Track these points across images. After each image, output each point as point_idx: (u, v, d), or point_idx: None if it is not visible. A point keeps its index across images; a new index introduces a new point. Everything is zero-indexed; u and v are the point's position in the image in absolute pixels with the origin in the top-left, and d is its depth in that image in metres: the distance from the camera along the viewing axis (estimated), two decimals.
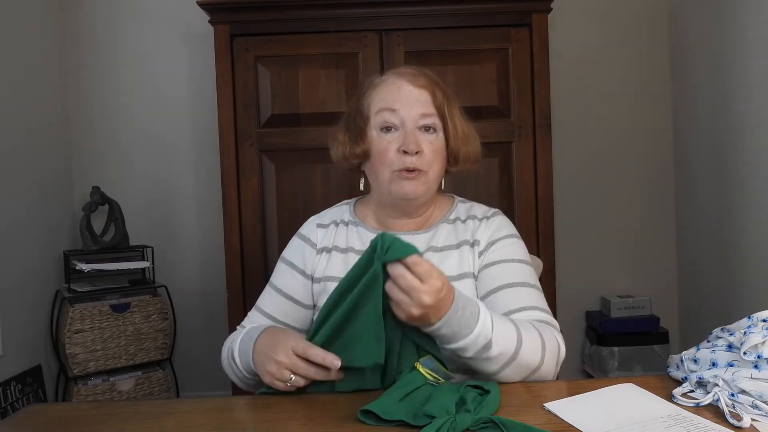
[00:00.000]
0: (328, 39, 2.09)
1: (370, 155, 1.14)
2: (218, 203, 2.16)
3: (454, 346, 0.91)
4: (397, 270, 0.85)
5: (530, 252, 1.21)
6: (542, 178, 2.08)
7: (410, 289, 0.85)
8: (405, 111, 1.10)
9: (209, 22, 2.08)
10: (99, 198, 2.28)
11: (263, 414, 0.89)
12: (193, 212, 2.54)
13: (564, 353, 1.02)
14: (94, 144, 2.51)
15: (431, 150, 1.11)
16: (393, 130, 1.11)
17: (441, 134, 1.13)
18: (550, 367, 0.99)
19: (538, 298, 1.08)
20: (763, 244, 1.98)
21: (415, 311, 0.86)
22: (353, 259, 1.15)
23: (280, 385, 0.94)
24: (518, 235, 1.19)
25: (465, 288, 1.09)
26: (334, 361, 0.90)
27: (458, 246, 1.15)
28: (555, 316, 1.14)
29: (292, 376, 0.92)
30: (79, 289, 2.15)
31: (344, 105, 2.09)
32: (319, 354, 0.91)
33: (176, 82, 2.52)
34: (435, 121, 1.12)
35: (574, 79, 2.54)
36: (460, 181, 2.09)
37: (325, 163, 2.08)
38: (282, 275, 1.21)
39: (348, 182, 2.10)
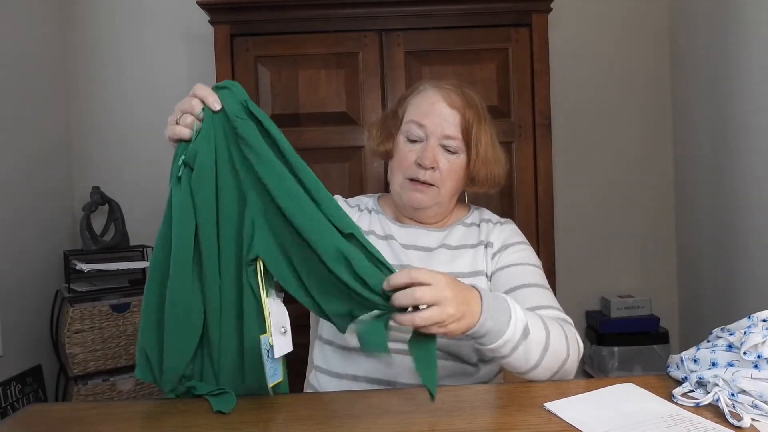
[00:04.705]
0: (328, 39, 2.09)
1: (392, 156, 1.20)
2: None
3: (498, 342, 0.89)
4: (401, 290, 0.83)
5: None
6: (542, 178, 2.08)
7: (430, 299, 0.82)
8: (431, 128, 1.15)
9: (209, 22, 2.08)
10: (99, 198, 2.28)
11: (264, 414, 0.89)
12: None
13: (582, 349, 1.03)
14: (94, 144, 2.50)
15: (447, 168, 1.15)
16: (417, 141, 1.16)
17: (463, 156, 1.16)
18: (573, 360, 0.99)
19: (553, 299, 1.12)
20: (763, 244, 1.98)
21: (450, 310, 0.82)
22: (373, 241, 1.16)
23: (184, 132, 0.95)
24: (528, 243, 1.22)
25: (479, 285, 1.10)
26: (215, 104, 0.95)
27: (473, 246, 1.19)
28: None
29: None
30: (79, 289, 2.15)
31: (344, 105, 2.09)
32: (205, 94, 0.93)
33: (176, 82, 2.52)
34: (458, 144, 1.15)
35: (574, 79, 2.53)
36: None
37: (325, 163, 2.08)
38: None
39: (348, 183, 2.10)
